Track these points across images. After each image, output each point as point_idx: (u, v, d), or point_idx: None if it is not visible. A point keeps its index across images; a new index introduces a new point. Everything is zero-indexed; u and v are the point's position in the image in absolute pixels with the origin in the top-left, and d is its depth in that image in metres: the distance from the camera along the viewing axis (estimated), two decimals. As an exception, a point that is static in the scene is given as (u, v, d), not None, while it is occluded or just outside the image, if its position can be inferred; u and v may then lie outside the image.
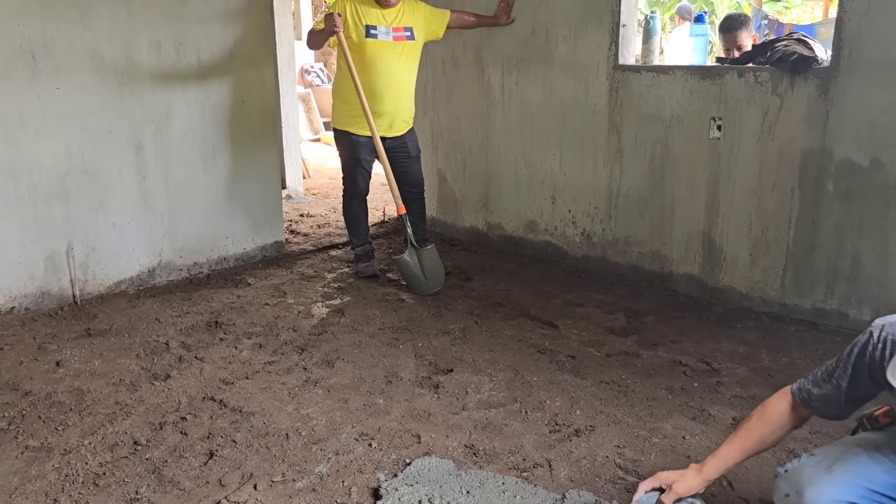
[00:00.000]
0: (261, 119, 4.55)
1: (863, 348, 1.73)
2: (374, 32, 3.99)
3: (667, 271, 4.13)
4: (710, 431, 2.67)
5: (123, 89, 3.95)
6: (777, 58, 3.51)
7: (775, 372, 3.15)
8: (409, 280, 4.13)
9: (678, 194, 4.00)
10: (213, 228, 4.44)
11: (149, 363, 3.23)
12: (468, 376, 3.10)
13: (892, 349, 1.66)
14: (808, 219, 3.56)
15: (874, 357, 1.70)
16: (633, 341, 3.48)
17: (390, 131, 4.18)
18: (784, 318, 3.68)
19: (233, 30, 4.32)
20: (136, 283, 4.16)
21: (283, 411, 2.81)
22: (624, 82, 4.09)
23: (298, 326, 3.65)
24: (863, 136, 3.32)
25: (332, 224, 5.64)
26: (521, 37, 4.49)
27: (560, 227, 4.59)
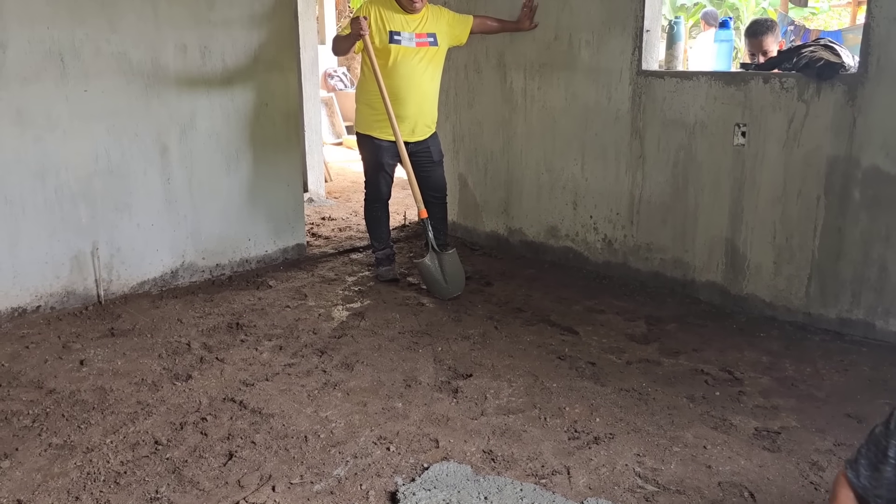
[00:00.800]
0: (284, 122, 4.58)
1: None
2: (397, 38, 4.00)
3: (689, 279, 4.09)
4: (731, 441, 2.64)
5: (149, 92, 3.99)
6: (803, 64, 3.47)
7: (799, 382, 3.11)
8: (430, 284, 4.14)
9: (701, 201, 3.96)
10: (235, 230, 4.48)
11: (170, 363, 3.27)
12: (487, 381, 3.09)
13: None
14: (833, 227, 3.51)
15: None
16: (654, 349, 3.45)
17: (413, 136, 4.19)
18: (808, 328, 3.63)
19: (257, 34, 4.35)
20: (159, 284, 4.20)
21: (303, 413, 2.82)
22: (647, 88, 4.07)
23: (318, 329, 3.66)
24: (891, 144, 3.27)
25: (353, 227, 5.66)
26: (544, 42, 4.49)
27: (581, 233, 4.57)
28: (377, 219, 4.42)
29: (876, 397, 2.97)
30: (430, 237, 4.16)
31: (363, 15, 3.96)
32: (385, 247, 4.44)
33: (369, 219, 4.45)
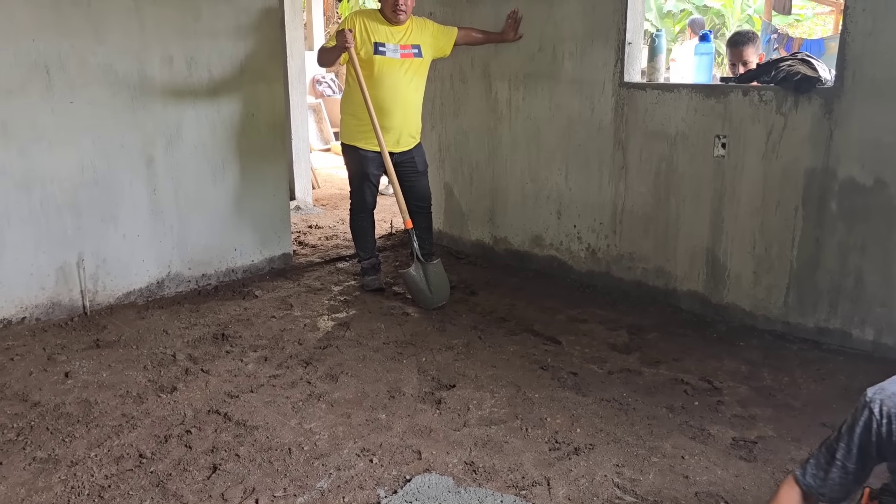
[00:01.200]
0: (270, 132, 4.61)
1: (866, 427, 1.66)
2: (382, 49, 4.04)
3: (671, 288, 4.15)
4: (709, 451, 2.68)
5: (135, 103, 4.01)
6: (781, 77, 3.53)
7: (776, 391, 3.16)
8: (415, 294, 4.17)
9: (682, 211, 4.02)
10: (221, 241, 4.50)
11: (156, 375, 3.28)
12: (470, 392, 3.13)
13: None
14: (811, 238, 3.57)
15: (881, 434, 1.64)
16: (635, 358, 3.50)
17: (398, 146, 4.22)
18: (787, 337, 3.69)
19: (244, 44, 4.38)
20: (145, 295, 4.22)
21: (287, 426, 2.85)
22: (629, 99, 4.12)
23: (304, 340, 3.69)
24: (866, 156, 3.34)
25: (339, 236, 5.69)
26: (529, 53, 4.53)
27: (565, 242, 4.62)
28: (362, 229, 4.46)
29: (851, 406, 2.98)
30: (415, 247, 4.20)
31: (348, 27, 3.99)
32: (370, 256, 4.47)
33: (355, 229, 4.48)
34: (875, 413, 1.65)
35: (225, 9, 4.27)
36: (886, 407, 1.64)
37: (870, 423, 1.66)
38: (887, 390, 1.66)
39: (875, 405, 1.65)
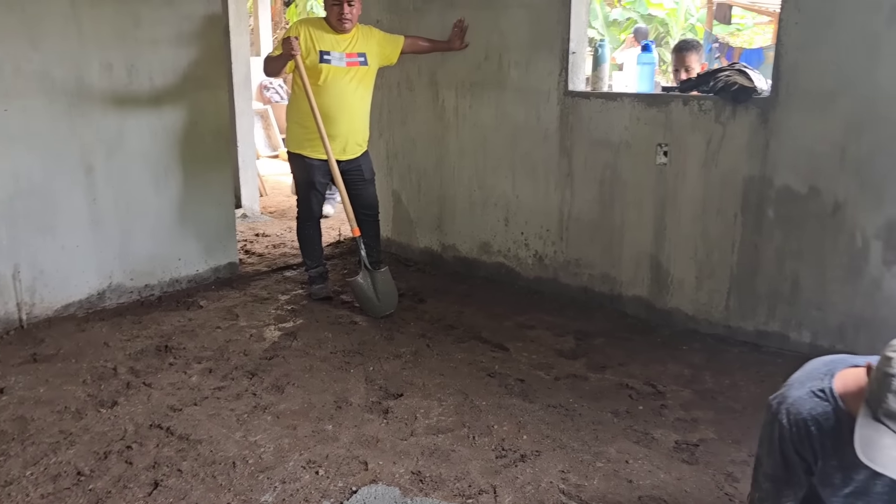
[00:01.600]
0: (214, 140, 4.54)
1: (781, 437, 1.73)
2: (327, 58, 4.02)
3: (616, 293, 4.21)
4: (652, 455, 2.73)
5: (73, 111, 3.91)
6: (720, 87, 3.62)
7: (718, 394, 3.24)
8: (363, 302, 4.15)
9: (627, 218, 4.09)
10: (165, 250, 4.41)
11: (95, 389, 3.20)
12: (418, 401, 3.13)
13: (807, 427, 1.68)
14: (750, 244, 3.67)
15: (794, 440, 1.71)
16: (581, 364, 3.54)
17: (344, 154, 4.20)
18: (728, 340, 3.78)
19: (186, 51, 4.31)
20: (85, 307, 4.10)
21: (231, 439, 2.80)
22: (574, 108, 4.18)
23: (249, 350, 3.63)
24: (801, 165, 3.45)
25: (287, 244, 5.63)
26: (475, 62, 4.56)
27: (513, 249, 4.65)
28: (310, 237, 4.42)
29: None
30: (362, 255, 4.18)
31: (293, 35, 3.96)
32: (318, 265, 4.44)
33: (302, 237, 4.44)
34: (783, 423, 1.72)
35: (167, 15, 4.19)
36: (792, 415, 1.70)
37: (782, 433, 1.73)
38: (789, 398, 1.72)
39: (782, 416, 1.72)
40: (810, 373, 1.76)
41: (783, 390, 1.76)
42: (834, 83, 3.28)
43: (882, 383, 1.43)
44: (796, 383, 1.75)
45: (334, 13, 4.02)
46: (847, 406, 1.64)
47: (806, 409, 1.68)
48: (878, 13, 3.12)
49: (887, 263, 3.29)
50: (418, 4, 4.78)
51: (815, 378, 1.72)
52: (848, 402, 1.64)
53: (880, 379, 1.45)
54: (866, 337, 3.39)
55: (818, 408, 1.67)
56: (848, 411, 1.63)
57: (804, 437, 1.69)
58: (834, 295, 3.46)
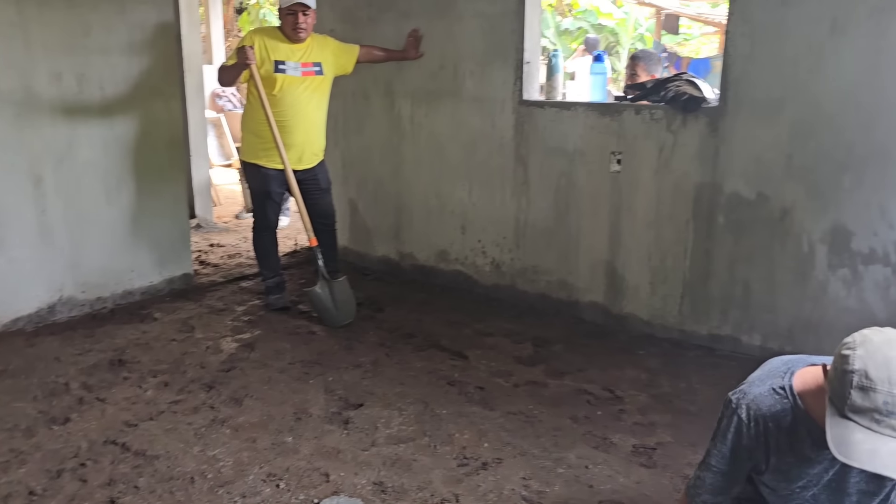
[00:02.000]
0: (167, 150, 4.47)
1: (737, 432, 1.76)
2: (282, 67, 4.00)
3: (573, 299, 4.26)
4: (611, 460, 2.77)
5: (21, 121, 3.81)
6: (670, 97, 3.71)
7: (674, 398, 3.30)
8: (321, 312, 4.13)
9: (582, 225, 4.15)
10: (117, 262, 4.32)
11: (47, 406, 3.11)
12: (378, 411, 3.12)
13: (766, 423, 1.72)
14: (702, 249, 3.76)
15: (750, 436, 1.74)
16: (540, 370, 3.57)
17: (300, 164, 4.18)
18: (683, 344, 3.85)
19: (138, 60, 4.24)
20: (34, 321, 3.99)
21: (189, 453, 2.75)
22: (529, 117, 4.23)
23: (206, 363, 3.58)
24: (749, 172, 3.55)
25: (242, 254, 5.56)
26: (430, 71, 4.59)
27: (470, 257, 4.68)
28: (266, 247, 4.38)
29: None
30: (320, 265, 4.16)
31: (248, 45, 3.93)
32: (275, 275, 4.39)
33: (258, 247, 4.40)
34: (742, 417, 1.75)
35: (118, 23, 4.12)
36: (752, 410, 1.73)
37: (739, 427, 1.76)
38: (749, 394, 1.76)
39: (742, 410, 1.75)
40: (770, 371, 1.81)
41: (743, 387, 1.79)
42: (780, 92, 3.39)
43: (843, 380, 1.47)
44: (757, 381, 1.79)
45: (289, 23, 4.00)
46: (804, 404, 1.68)
47: (766, 405, 1.72)
48: (822, 24, 3.23)
49: (832, 267, 3.40)
50: (373, 14, 4.79)
51: (775, 376, 1.77)
52: (806, 399, 1.69)
53: (840, 377, 1.49)
54: (814, 339, 3.50)
55: (777, 405, 1.71)
56: (805, 409, 1.68)
57: (761, 433, 1.73)
58: (783, 298, 3.56)
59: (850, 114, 3.24)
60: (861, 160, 3.25)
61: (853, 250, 3.34)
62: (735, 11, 3.44)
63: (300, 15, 3.98)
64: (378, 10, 4.77)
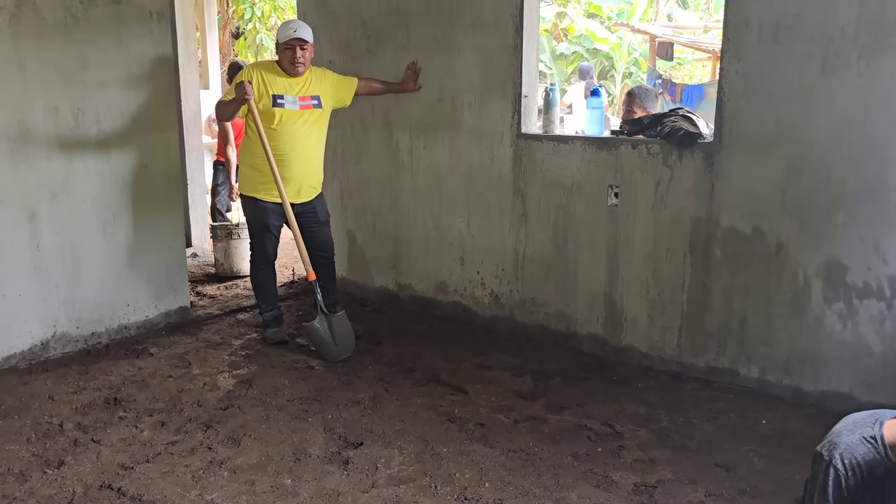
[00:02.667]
0: (164, 183, 4.47)
1: (836, 484, 1.71)
2: (280, 102, 4.01)
3: (572, 331, 4.26)
4: (612, 499, 2.76)
5: (16, 156, 3.80)
6: (666, 132, 3.73)
7: (673, 432, 3.29)
8: (319, 346, 4.11)
9: (581, 257, 4.15)
10: (112, 296, 4.30)
11: (40, 448, 3.08)
12: (378, 450, 3.09)
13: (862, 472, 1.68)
14: (699, 282, 3.76)
15: (850, 486, 1.70)
16: (540, 405, 3.56)
17: (298, 197, 4.18)
18: (681, 377, 3.85)
19: (135, 94, 4.25)
20: (27, 358, 3.96)
21: (186, 498, 2.73)
22: (527, 150, 4.25)
23: (203, 401, 3.55)
24: (745, 206, 3.56)
25: (240, 284, 5.54)
26: (429, 103, 4.61)
27: (469, 288, 4.67)
28: (264, 280, 4.37)
29: (742, 444, 3.18)
30: (318, 299, 4.14)
31: (246, 79, 3.95)
32: (273, 308, 4.38)
33: (256, 280, 4.39)
34: (839, 468, 1.71)
35: (116, 57, 4.14)
36: (847, 459, 1.70)
37: (838, 479, 1.71)
38: (840, 444, 1.72)
39: (837, 461, 1.71)
40: (857, 422, 1.76)
41: (831, 438, 1.74)
42: (773, 129, 3.42)
43: None
44: (845, 431, 1.75)
45: (287, 57, 4.02)
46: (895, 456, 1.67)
47: (860, 454, 1.69)
48: (813, 64, 3.27)
49: (828, 301, 3.41)
50: (371, 46, 4.82)
51: (863, 426, 1.73)
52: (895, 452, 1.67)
53: None
54: (811, 372, 3.50)
55: (870, 454, 1.68)
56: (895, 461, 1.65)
57: (860, 482, 1.68)
58: (780, 331, 3.56)
59: (842, 151, 3.27)
60: (854, 196, 3.27)
61: (848, 284, 3.36)
62: (729, 50, 3.48)
63: (298, 49, 4.00)
64: (377, 42, 4.80)
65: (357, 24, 4.87)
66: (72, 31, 3.94)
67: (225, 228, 5.64)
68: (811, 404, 3.48)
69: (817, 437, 3.08)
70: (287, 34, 4.01)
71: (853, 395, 3.42)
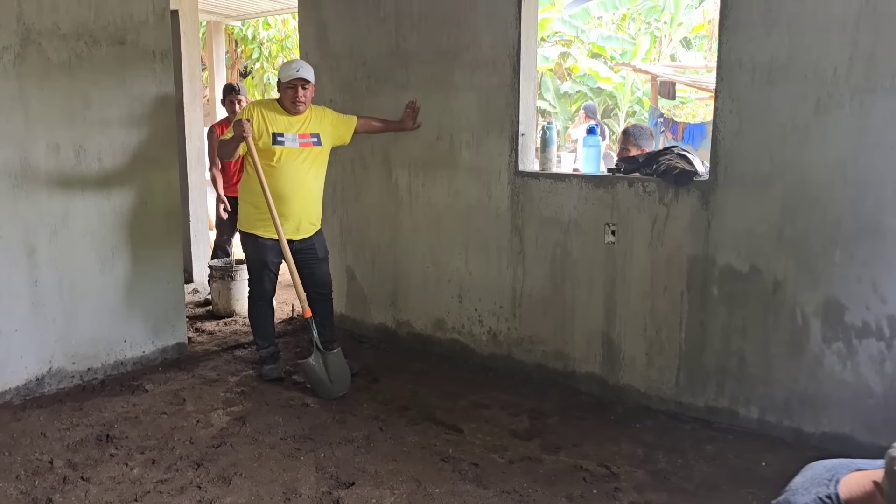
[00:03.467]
0: (164, 220, 4.50)
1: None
2: (280, 140, 4.05)
3: (570, 370, 4.22)
4: (606, 543, 2.70)
5: (17, 192, 3.84)
6: (662, 170, 3.74)
7: (671, 474, 3.23)
8: (315, 384, 4.08)
9: (578, 295, 4.14)
10: (109, 332, 4.30)
11: (29, 486, 3.05)
12: (370, 490, 3.05)
13: None
14: (697, 321, 3.74)
15: None
16: (536, 445, 3.51)
17: (297, 234, 4.20)
18: (680, 417, 3.80)
19: (137, 132, 4.30)
20: (22, 393, 3.95)
21: (173, 538, 2.69)
22: (524, 187, 4.26)
23: (196, 438, 3.52)
24: (741, 245, 3.55)
25: (239, 321, 5.54)
26: (427, 141, 4.65)
27: (467, 326, 4.65)
28: (262, 317, 4.36)
29: (740, 487, 3.12)
30: (314, 337, 4.13)
31: (246, 118, 4.00)
32: (270, 345, 4.37)
33: (253, 317, 4.38)
34: None
35: (118, 96, 4.20)
36: None
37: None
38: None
39: None
40: (813, 478, 1.72)
41: (786, 495, 1.70)
42: (768, 167, 3.42)
43: None
44: (801, 489, 1.70)
45: (288, 96, 4.07)
46: None
47: None
48: (806, 103, 3.29)
49: (827, 341, 3.38)
50: (371, 86, 4.88)
51: (819, 483, 1.68)
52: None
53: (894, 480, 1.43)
54: (811, 412, 3.45)
55: None
56: None
57: None
58: (778, 371, 3.52)
59: (837, 190, 3.27)
60: (850, 235, 3.26)
61: (847, 324, 3.33)
62: (723, 89, 3.51)
63: (300, 89, 4.05)
64: (376, 81, 4.86)
65: (358, 64, 4.94)
66: (76, 71, 4.01)
67: (220, 269, 5.64)
68: (812, 446, 3.42)
69: (816, 479, 3.05)
70: (289, 74, 4.07)
71: (854, 437, 3.36)
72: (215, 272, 5.64)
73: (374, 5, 4.80)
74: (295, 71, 4.06)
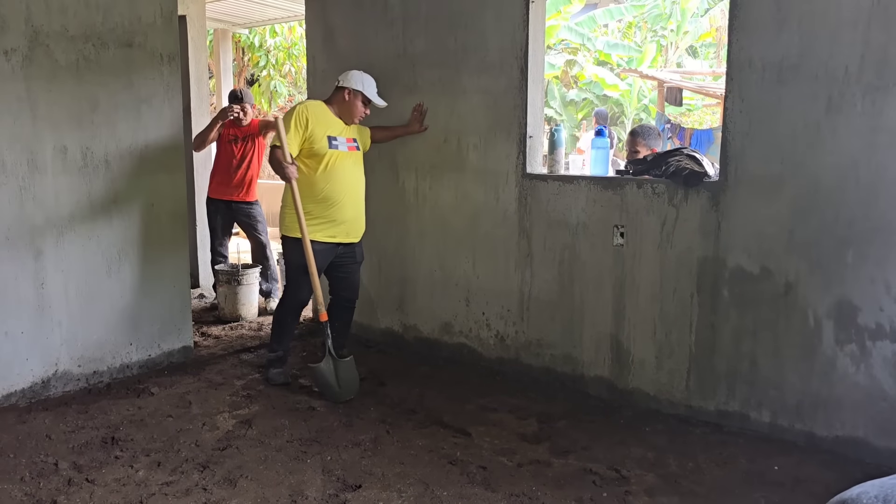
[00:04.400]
0: (171, 223, 4.49)
1: None
2: (335, 143, 4.08)
3: (578, 374, 4.18)
4: (617, 546, 2.66)
5: (24, 194, 3.84)
6: (671, 172, 3.71)
7: (682, 478, 3.19)
8: (323, 388, 4.05)
9: (586, 298, 4.10)
10: (116, 335, 4.28)
11: (34, 488, 3.02)
12: (377, 493, 3.02)
13: None
14: (707, 323, 3.70)
15: None
16: (544, 448, 3.47)
17: (348, 237, 4.21)
18: (690, 420, 3.75)
19: (144, 135, 4.30)
20: (27, 396, 3.93)
21: (178, 540, 2.66)
22: (532, 190, 4.24)
23: (201, 441, 3.49)
24: (752, 246, 3.52)
25: (245, 325, 5.52)
26: (434, 144, 4.63)
27: (475, 329, 4.62)
28: (288, 323, 4.33)
29: (752, 491, 3.07)
30: (328, 342, 4.09)
31: (302, 124, 3.98)
32: (283, 350, 4.33)
33: (280, 320, 4.31)
34: None
35: (126, 100, 4.20)
36: None
37: None
38: None
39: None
40: None
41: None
42: (779, 168, 3.39)
43: None
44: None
45: (358, 109, 4.15)
46: None
47: None
48: (817, 102, 3.26)
49: (839, 343, 3.34)
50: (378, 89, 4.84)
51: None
52: None
53: None
54: (824, 416, 3.41)
55: None
56: None
57: None
58: (790, 374, 3.48)
59: (849, 190, 3.23)
60: (863, 236, 3.22)
61: (860, 325, 3.28)
62: (732, 90, 3.48)
63: (367, 108, 4.15)
64: (384, 85, 4.81)
65: (364, 68, 4.90)
66: (83, 73, 4.00)
67: (226, 273, 5.63)
68: (825, 450, 3.38)
69: (832, 483, 3.01)
70: (372, 93, 4.15)
71: (868, 441, 3.32)
72: (221, 276, 5.62)
73: (382, 9, 4.80)
74: (376, 94, 4.17)
